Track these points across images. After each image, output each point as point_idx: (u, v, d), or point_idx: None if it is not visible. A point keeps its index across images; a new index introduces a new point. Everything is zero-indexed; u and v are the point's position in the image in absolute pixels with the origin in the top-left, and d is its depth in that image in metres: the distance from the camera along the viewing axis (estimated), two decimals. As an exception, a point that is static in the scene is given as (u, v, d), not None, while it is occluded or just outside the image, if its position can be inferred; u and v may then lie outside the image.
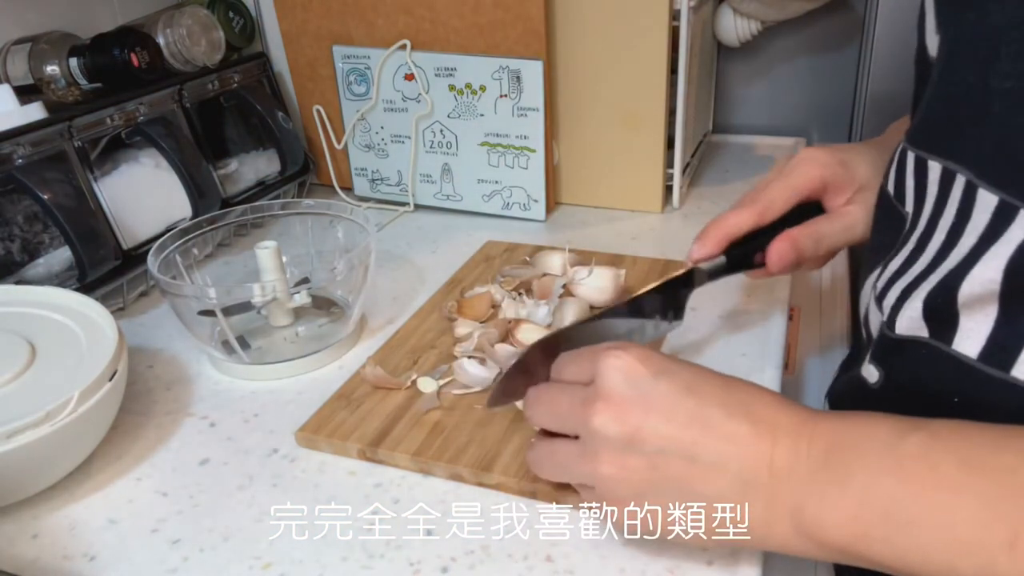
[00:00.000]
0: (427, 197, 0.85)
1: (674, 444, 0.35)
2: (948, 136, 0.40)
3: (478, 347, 0.56)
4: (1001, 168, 0.36)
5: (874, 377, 0.45)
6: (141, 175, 0.71)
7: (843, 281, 0.89)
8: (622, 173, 0.81)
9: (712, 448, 0.35)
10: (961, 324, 0.38)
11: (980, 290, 0.37)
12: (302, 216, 0.66)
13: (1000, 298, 0.36)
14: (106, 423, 0.49)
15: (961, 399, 0.39)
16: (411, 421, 0.50)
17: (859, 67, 0.91)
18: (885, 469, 0.33)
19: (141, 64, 0.72)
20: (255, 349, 0.59)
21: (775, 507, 0.34)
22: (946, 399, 0.40)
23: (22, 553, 0.43)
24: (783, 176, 0.52)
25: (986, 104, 0.36)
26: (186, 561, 0.42)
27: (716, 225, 0.51)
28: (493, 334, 0.57)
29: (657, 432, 0.35)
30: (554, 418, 0.40)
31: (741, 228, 0.51)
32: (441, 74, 0.78)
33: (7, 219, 0.63)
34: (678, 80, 0.77)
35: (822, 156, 0.52)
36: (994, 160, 0.36)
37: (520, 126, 0.77)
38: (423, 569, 0.40)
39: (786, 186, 0.52)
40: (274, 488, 0.47)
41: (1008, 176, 0.35)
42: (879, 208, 0.48)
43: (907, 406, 0.36)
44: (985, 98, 0.36)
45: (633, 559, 0.40)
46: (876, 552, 0.32)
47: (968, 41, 0.37)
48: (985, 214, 0.36)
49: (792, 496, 0.34)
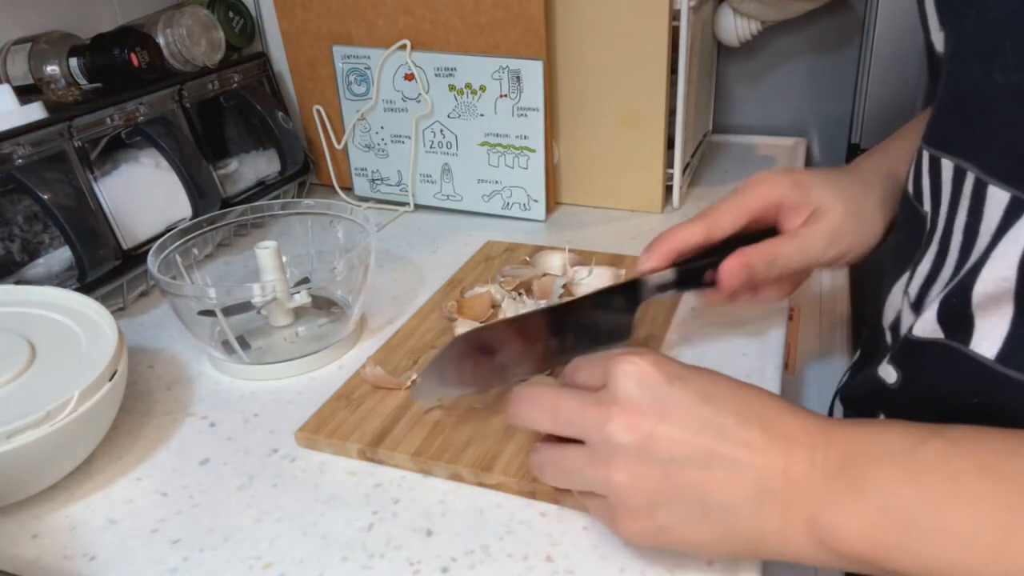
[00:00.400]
0: (427, 197, 0.85)
1: (688, 451, 0.35)
2: (957, 134, 0.40)
3: (478, 347, 0.56)
4: (1010, 164, 0.36)
5: (892, 378, 0.45)
6: (141, 175, 0.71)
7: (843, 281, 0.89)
8: (622, 173, 0.81)
9: (727, 456, 0.35)
10: (977, 325, 0.38)
11: (994, 288, 0.36)
12: (302, 216, 0.66)
13: (1016, 296, 0.36)
14: (106, 423, 0.49)
15: (980, 401, 0.39)
16: (411, 421, 0.50)
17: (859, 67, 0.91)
18: (903, 478, 0.32)
19: (141, 64, 0.72)
20: (255, 349, 0.59)
21: (791, 516, 0.34)
22: (965, 401, 0.40)
23: (22, 553, 0.43)
24: (734, 195, 0.52)
25: (992, 100, 0.36)
26: (186, 561, 0.42)
27: (663, 238, 0.51)
28: (493, 334, 0.57)
29: (671, 439, 0.35)
30: (554, 419, 0.38)
31: (689, 242, 0.50)
32: (441, 74, 0.78)
33: (7, 219, 0.63)
34: (678, 80, 0.77)
35: (776, 177, 0.51)
36: (1003, 156, 0.36)
37: (520, 126, 0.77)
38: (423, 569, 0.40)
39: (736, 204, 0.51)
40: (274, 488, 0.47)
41: (1018, 172, 0.35)
42: (902, 211, 0.48)
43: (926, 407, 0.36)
44: (991, 94, 0.36)
45: (633, 559, 0.40)
46: (896, 561, 0.32)
47: (972, 37, 0.37)
48: (997, 211, 0.36)
49: (808, 505, 0.34)
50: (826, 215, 0.50)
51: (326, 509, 0.45)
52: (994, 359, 0.37)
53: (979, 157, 0.37)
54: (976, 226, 0.38)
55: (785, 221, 0.51)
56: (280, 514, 0.45)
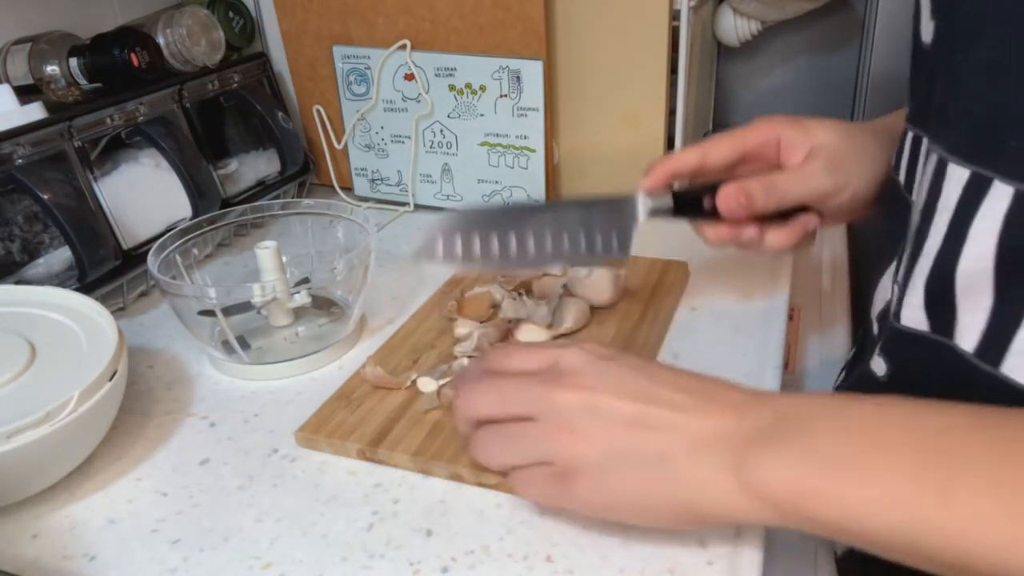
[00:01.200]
0: (427, 197, 0.85)
1: (628, 414, 0.37)
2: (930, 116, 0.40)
3: (478, 347, 0.56)
4: (972, 141, 0.36)
5: (882, 370, 0.45)
6: (141, 175, 0.71)
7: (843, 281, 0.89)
8: (622, 173, 0.81)
9: (662, 417, 0.37)
10: (960, 317, 0.38)
11: (976, 267, 0.37)
12: (302, 216, 0.66)
13: (995, 280, 0.36)
14: (106, 423, 0.49)
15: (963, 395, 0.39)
16: (411, 421, 0.50)
17: (859, 67, 0.91)
18: (829, 427, 0.34)
19: (141, 64, 0.72)
20: (255, 349, 0.59)
21: (720, 464, 0.35)
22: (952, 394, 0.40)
23: (22, 553, 0.43)
24: (734, 129, 0.53)
25: (966, 79, 0.37)
26: (186, 561, 0.42)
27: (660, 161, 0.53)
28: (493, 334, 0.57)
29: (612, 404, 0.38)
30: (501, 401, 0.40)
31: (684, 164, 0.52)
32: (441, 74, 0.78)
33: (7, 219, 0.63)
34: (678, 80, 0.77)
35: (776, 117, 0.53)
36: (964, 133, 0.37)
37: (520, 126, 0.77)
38: (423, 569, 0.40)
39: (733, 134, 0.53)
40: (274, 488, 0.47)
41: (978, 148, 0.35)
42: (889, 199, 0.48)
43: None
44: (967, 73, 0.36)
45: (633, 558, 0.40)
46: (817, 509, 0.33)
47: (959, 22, 0.38)
48: (956, 188, 0.36)
49: (736, 452, 0.35)
50: (824, 148, 0.51)
51: (326, 509, 0.45)
52: (972, 353, 0.38)
53: (942, 136, 0.38)
54: (934, 205, 0.38)
55: (785, 158, 0.53)
56: (280, 514, 0.45)
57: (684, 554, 0.40)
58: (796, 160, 0.52)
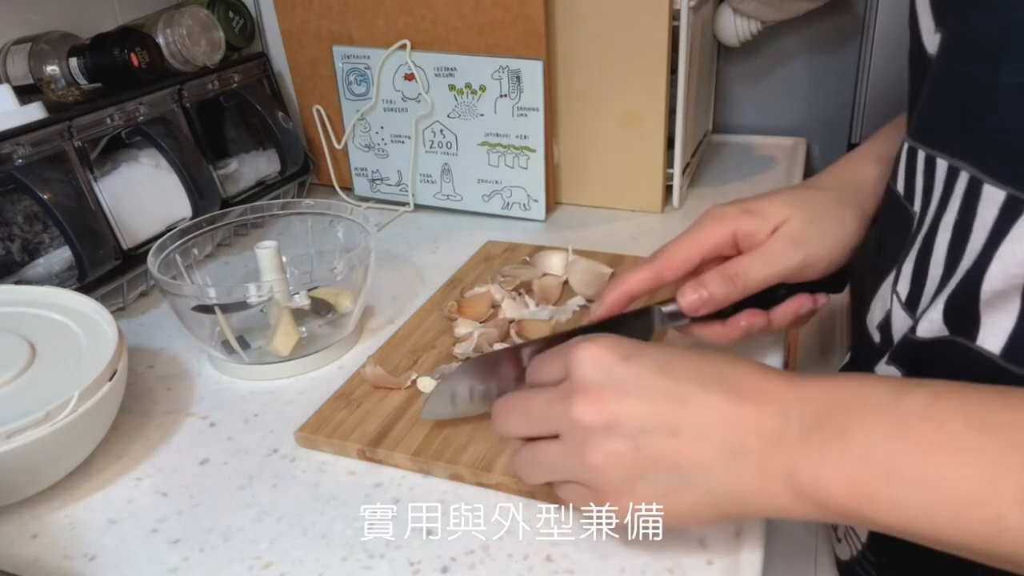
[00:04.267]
0: (427, 197, 0.85)
1: (653, 422, 0.35)
2: (953, 133, 0.40)
3: (478, 347, 0.56)
4: (1009, 163, 0.36)
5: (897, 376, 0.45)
6: (141, 175, 0.71)
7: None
8: (622, 173, 0.81)
9: (692, 420, 0.35)
10: (983, 322, 0.38)
11: (1003, 286, 0.36)
12: (302, 216, 0.66)
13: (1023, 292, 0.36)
14: (106, 423, 0.49)
15: None
16: (411, 421, 0.50)
17: (859, 67, 0.91)
18: (886, 427, 0.32)
19: (141, 64, 0.72)
20: (255, 349, 0.59)
21: (769, 473, 0.34)
22: None
23: (22, 553, 0.43)
24: (684, 233, 0.51)
25: (994, 99, 0.36)
26: (186, 561, 0.42)
27: (614, 284, 0.51)
28: (493, 334, 0.57)
29: (635, 413, 0.35)
30: (528, 422, 0.39)
31: (640, 286, 0.50)
32: (441, 74, 0.78)
33: (7, 219, 0.63)
34: (678, 80, 0.77)
35: (726, 210, 0.50)
36: (1000, 155, 0.36)
37: (520, 126, 0.77)
38: (423, 569, 0.40)
39: (685, 242, 0.50)
40: (274, 488, 0.47)
41: (1016, 171, 0.35)
42: (887, 208, 0.48)
43: None
44: (994, 93, 0.36)
45: (633, 558, 0.40)
46: (879, 512, 0.32)
47: (975, 37, 0.37)
48: (993, 209, 0.36)
49: (786, 459, 0.34)
50: (785, 224, 0.49)
51: (326, 509, 0.45)
52: (999, 355, 0.37)
53: (974, 156, 0.37)
54: (969, 224, 0.38)
55: (746, 250, 0.50)
56: (280, 514, 0.45)
57: (684, 554, 0.40)
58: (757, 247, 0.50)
